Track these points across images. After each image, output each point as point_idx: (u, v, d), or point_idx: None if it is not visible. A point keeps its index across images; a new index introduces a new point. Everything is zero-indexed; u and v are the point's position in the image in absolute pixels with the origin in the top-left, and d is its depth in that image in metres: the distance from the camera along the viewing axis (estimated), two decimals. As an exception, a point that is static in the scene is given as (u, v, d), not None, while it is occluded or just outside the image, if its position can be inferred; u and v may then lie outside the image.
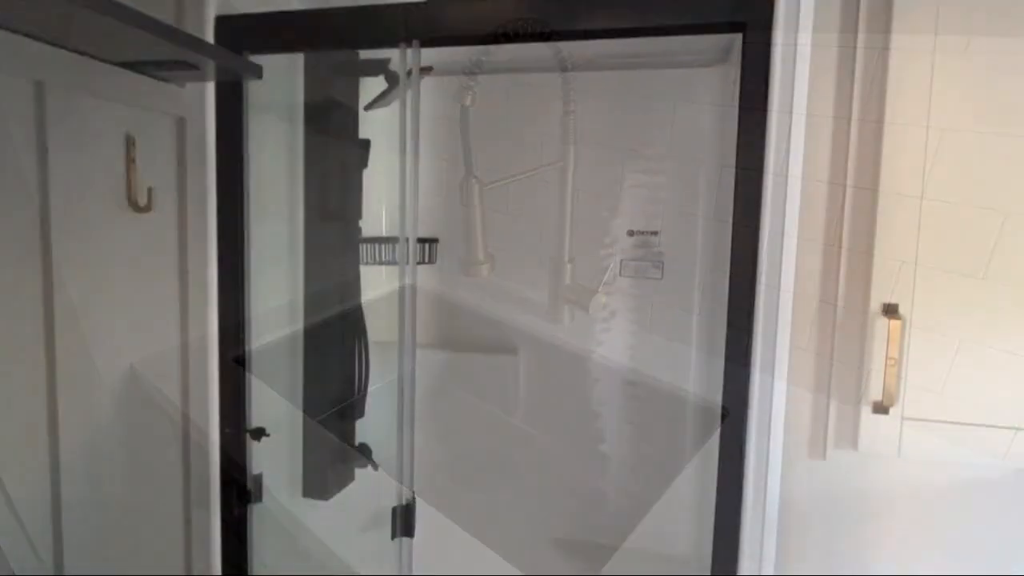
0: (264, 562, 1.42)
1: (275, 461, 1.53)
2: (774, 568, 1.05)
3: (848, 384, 1.00)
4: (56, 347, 0.97)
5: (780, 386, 1.00)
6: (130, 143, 1.05)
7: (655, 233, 1.83)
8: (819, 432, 1.02)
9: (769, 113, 0.99)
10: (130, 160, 1.06)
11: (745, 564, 1.07)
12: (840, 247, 0.99)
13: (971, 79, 0.93)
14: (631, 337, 1.85)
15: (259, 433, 1.30)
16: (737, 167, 1.05)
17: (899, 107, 0.94)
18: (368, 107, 1.61)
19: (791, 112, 0.98)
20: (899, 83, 0.93)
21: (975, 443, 0.93)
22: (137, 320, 1.14)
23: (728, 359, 1.05)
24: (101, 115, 1.02)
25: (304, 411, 1.54)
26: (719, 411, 1.10)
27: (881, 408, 0.96)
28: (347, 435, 1.65)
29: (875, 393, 0.97)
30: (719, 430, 1.09)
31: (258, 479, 1.35)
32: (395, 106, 1.47)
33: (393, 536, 1.26)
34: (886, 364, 0.94)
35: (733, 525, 1.08)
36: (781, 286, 1.00)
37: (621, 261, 1.85)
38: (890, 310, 0.95)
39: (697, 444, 1.82)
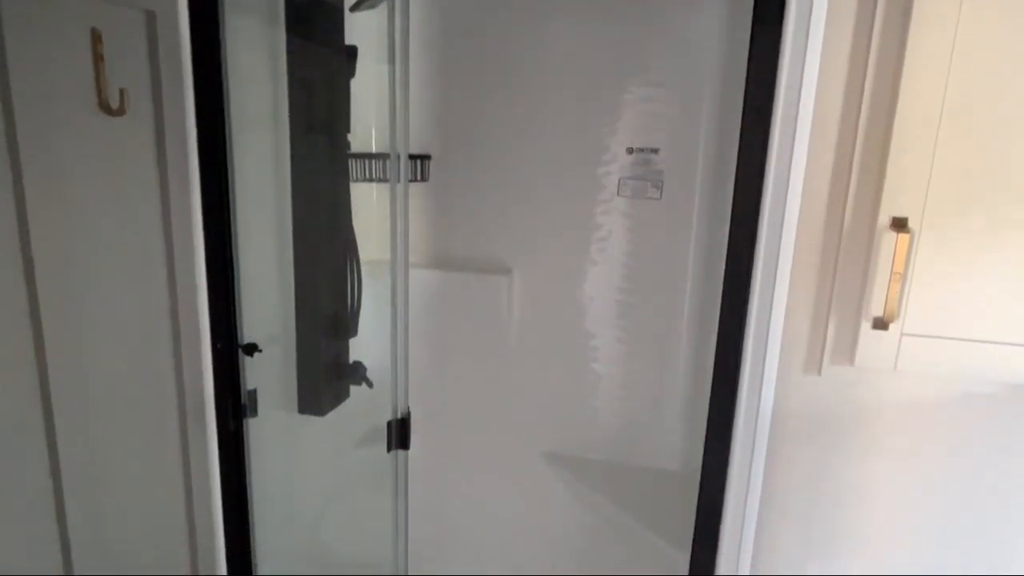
0: (262, 476, 1.45)
1: (270, 377, 1.53)
2: (762, 481, 1.07)
3: (849, 300, 0.99)
4: (34, 261, 0.93)
5: (780, 301, 0.99)
6: (96, 38, 0.97)
7: (655, 151, 1.77)
8: (816, 348, 1.02)
9: (785, 23, 0.93)
10: (97, 57, 0.98)
11: (734, 475, 1.09)
12: (851, 161, 0.95)
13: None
14: (627, 257, 1.83)
15: (251, 349, 1.29)
16: (748, 80, 1.00)
17: (924, 13, 0.87)
18: (354, 8, 1.50)
19: (809, 21, 0.92)
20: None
21: (974, 358, 0.93)
22: (115, 231, 1.09)
23: (728, 275, 1.03)
24: (61, 4, 0.94)
25: (296, 328, 1.52)
26: (715, 329, 1.09)
27: (881, 324, 0.95)
28: (341, 353, 1.65)
29: (876, 309, 0.95)
30: (715, 346, 1.09)
31: (252, 394, 1.35)
32: (383, 9, 1.36)
33: (389, 449, 1.28)
34: (890, 278, 0.92)
35: (724, 439, 1.09)
36: (787, 201, 0.97)
37: (619, 180, 1.80)
38: (899, 224, 0.92)
39: (690, 363, 1.84)
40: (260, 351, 1.30)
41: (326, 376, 1.60)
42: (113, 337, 1.12)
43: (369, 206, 1.76)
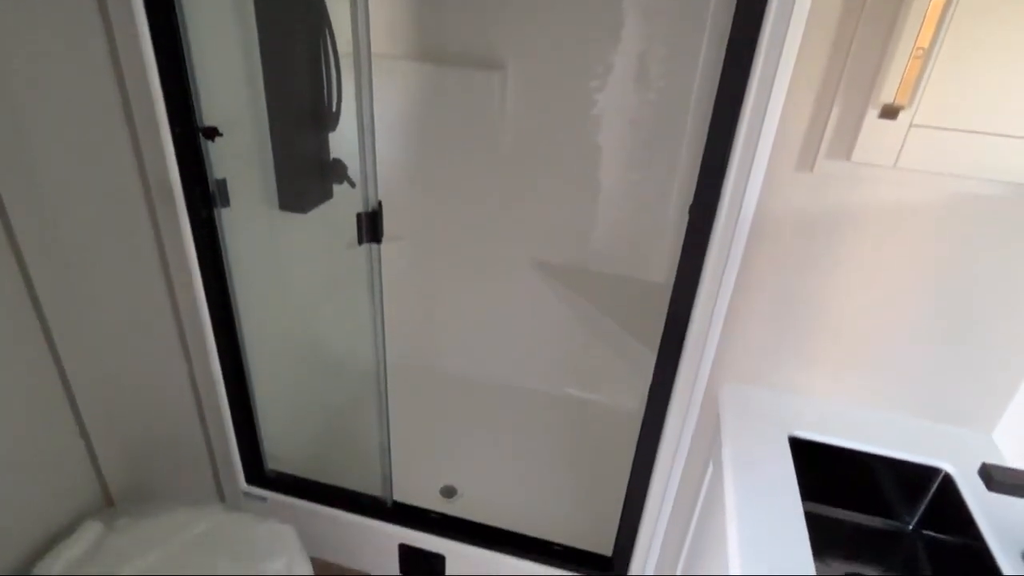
0: (248, 273, 1.46)
1: (244, 170, 1.48)
2: (734, 283, 1.03)
3: (859, 83, 0.85)
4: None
5: (782, 80, 0.86)
6: None
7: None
8: (813, 141, 0.91)
9: None
10: None
11: (707, 279, 1.05)
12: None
13: None
14: (631, 56, 1.64)
15: (212, 132, 1.21)
16: None
17: None
18: None
19: None
20: None
21: (983, 154, 0.82)
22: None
23: (731, 44, 0.89)
24: None
25: (268, 116, 1.43)
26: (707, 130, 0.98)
27: (890, 112, 0.83)
28: (320, 148, 1.57)
29: (887, 94, 0.83)
30: (704, 146, 0.99)
31: (222, 184, 1.31)
32: None
33: (360, 242, 1.25)
34: (911, 55, 0.79)
35: (701, 243, 1.04)
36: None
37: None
38: (935, -15, 0.76)
39: (689, 173, 1.73)
40: (221, 135, 1.23)
41: (305, 171, 1.54)
42: (61, 135, 1.06)
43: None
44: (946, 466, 0.97)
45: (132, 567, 1.10)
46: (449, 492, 1.80)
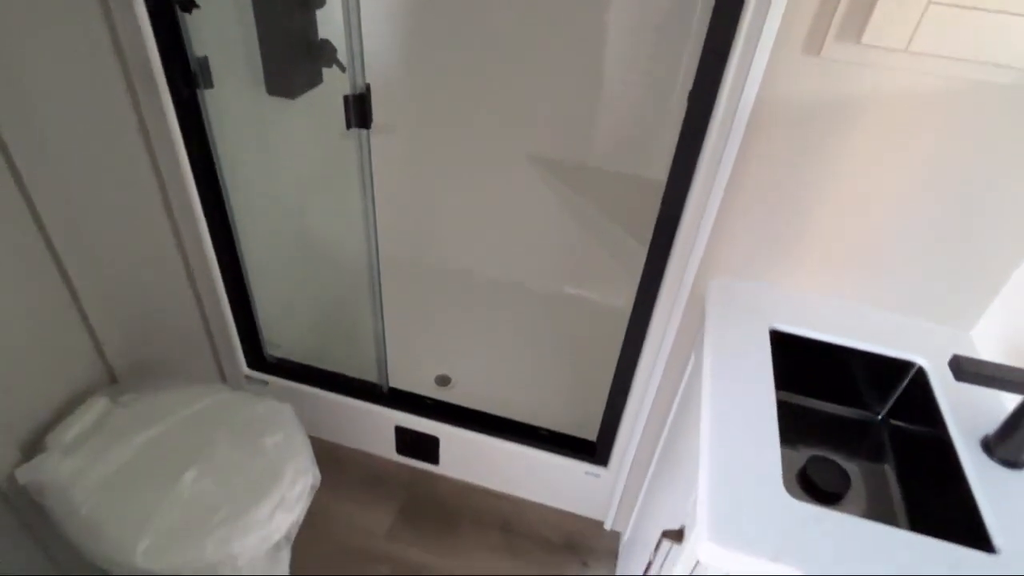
0: (236, 161, 1.43)
1: (231, 51, 1.41)
2: (728, 176, 1.01)
3: (879, -45, 0.79)
4: None
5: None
6: None
7: None
8: (823, 21, 0.85)
9: None
10: None
11: (702, 170, 1.03)
12: None
13: None
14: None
15: (188, 3, 1.14)
16: None
17: None
18: None
19: None
20: None
21: (1005, 37, 0.77)
22: None
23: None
24: None
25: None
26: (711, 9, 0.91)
27: (908, -13, 0.77)
28: (307, 27, 1.48)
29: (908, -32, 0.76)
30: (707, 26, 0.93)
31: (204, 62, 1.25)
32: None
33: (348, 126, 1.21)
34: (938, -79, 0.72)
35: (699, 129, 1.00)
36: None
37: None
38: None
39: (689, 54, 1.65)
40: (198, 6, 1.16)
41: (292, 51, 1.46)
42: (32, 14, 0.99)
43: None
44: (920, 360, 0.99)
45: (138, 438, 1.17)
46: (443, 381, 1.87)
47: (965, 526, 0.78)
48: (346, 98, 1.19)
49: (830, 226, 1.02)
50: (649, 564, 0.93)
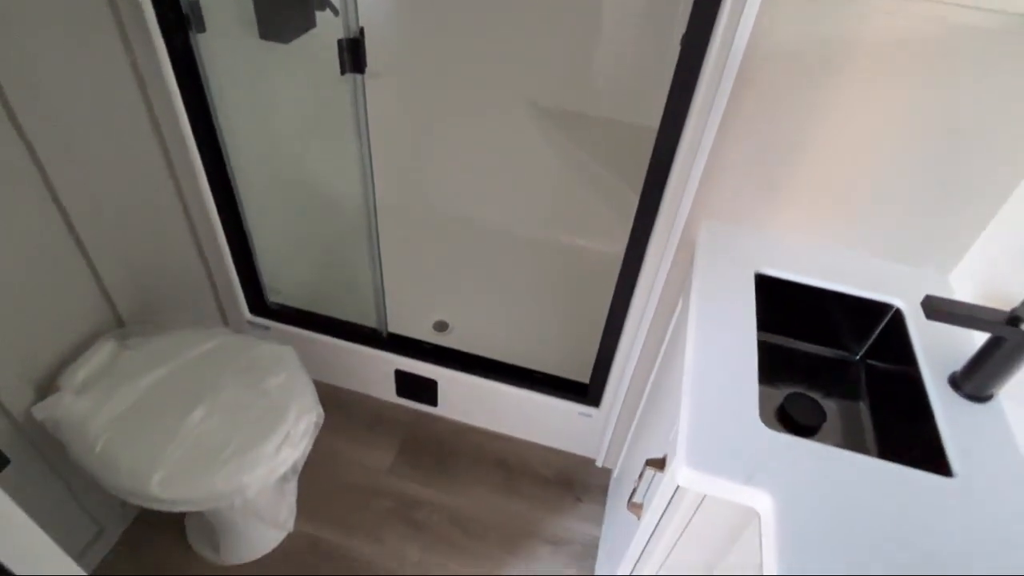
0: (231, 107, 1.43)
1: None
2: (720, 120, 1.02)
3: None
4: None
5: None
6: None
7: None
8: (816, -38, 0.85)
9: None
10: None
11: (694, 114, 1.04)
12: None
13: None
14: None
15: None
16: None
17: None
18: None
19: None
20: None
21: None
22: None
23: None
24: None
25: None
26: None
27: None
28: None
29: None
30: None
31: (194, 4, 1.24)
32: None
33: (342, 71, 1.21)
34: None
35: (692, 73, 1.01)
36: None
37: None
38: None
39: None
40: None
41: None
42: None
43: None
44: (898, 302, 1.03)
45: (146, 379, 1.22)
46: (441, 326, 1.92)
47: (929, 454, 0.83)
48: (340, 42, 1.18)
49: (816, 171, 1.04)
50: (633, 491, 0.99)
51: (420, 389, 1.77)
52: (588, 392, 1.61)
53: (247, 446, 1.13)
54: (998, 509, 0.73)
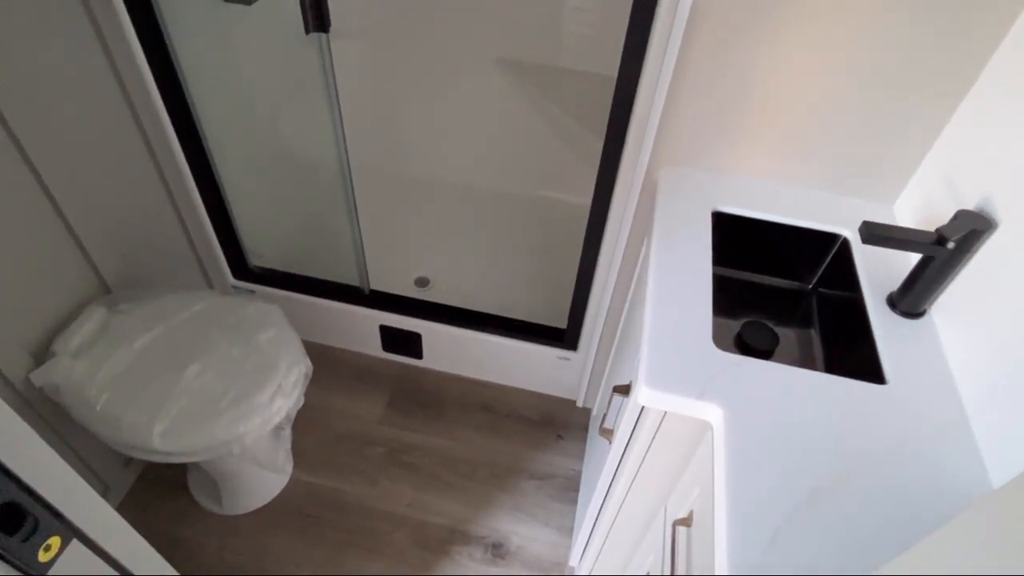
0: (193, 68, 1.43)
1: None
2: (674, 65, 1.06)
3: None
4: None
5: None
6: None
7: None
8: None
9: None
10: None
11: (650, 60, 1.08)
12: None
13: None
14: None
15: (131, -94, 1.12)
16: None
17: None
18: None
19: None
20: None
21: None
22: None
23: None
24: None
25: None
26: None
27: None
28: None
29: None
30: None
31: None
32: None
33: (307, 30, 1.23)
34: None
35: (646, 18, 1.04)
36: None
37: None
38: None
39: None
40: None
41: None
42: None
43: None
44: (846, 232, 1.10)
45: (140, 341, 1.27)
46: (423, 282, 1.98)
47: (866, 367, 0.91)
48: (302, 1, 1.20)
49: (767, 110, 1.09)
50: (604, 417, 1.08)
51: (405, 343, 1.84)
52: (565, 337, 1.68)
53: (242, 397, 1.19)
54: (922, 407, 0.82)
